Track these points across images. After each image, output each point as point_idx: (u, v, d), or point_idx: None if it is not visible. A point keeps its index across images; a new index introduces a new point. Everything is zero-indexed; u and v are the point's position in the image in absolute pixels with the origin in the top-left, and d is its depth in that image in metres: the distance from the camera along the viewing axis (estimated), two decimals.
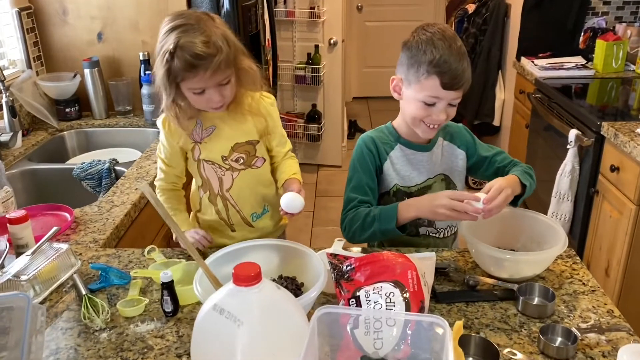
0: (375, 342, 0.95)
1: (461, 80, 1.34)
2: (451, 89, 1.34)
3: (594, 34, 3.24)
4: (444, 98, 1.36)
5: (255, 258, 1.25)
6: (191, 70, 1.29)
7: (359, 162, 1.48)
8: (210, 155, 1.48)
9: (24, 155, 2.18)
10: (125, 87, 2.52)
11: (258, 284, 0.84)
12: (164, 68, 1.30)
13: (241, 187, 1.51)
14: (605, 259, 2.33)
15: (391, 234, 1.40)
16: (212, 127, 1.46)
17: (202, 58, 1.27)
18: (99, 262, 1.41)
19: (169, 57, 1.28)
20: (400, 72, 1.42)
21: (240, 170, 1.50)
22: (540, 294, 1.23)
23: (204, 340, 0.85)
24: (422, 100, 1.37)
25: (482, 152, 1.53)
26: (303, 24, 4.02)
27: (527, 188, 1.38)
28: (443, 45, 1.33)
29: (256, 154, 1.51)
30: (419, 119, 1.40)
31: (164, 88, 1.35)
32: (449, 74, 1.32)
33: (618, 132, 2.18)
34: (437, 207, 1.32)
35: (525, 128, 3.21)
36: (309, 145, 4.31)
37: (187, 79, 1.31)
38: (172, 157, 1.50)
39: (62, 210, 1.69)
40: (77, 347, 1.12)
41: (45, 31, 2.52)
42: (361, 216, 1.42)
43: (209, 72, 1.29)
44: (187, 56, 1.27)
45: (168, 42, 1.28)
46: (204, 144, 1.47)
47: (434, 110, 1.37)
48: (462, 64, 1.33)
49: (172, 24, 1.31)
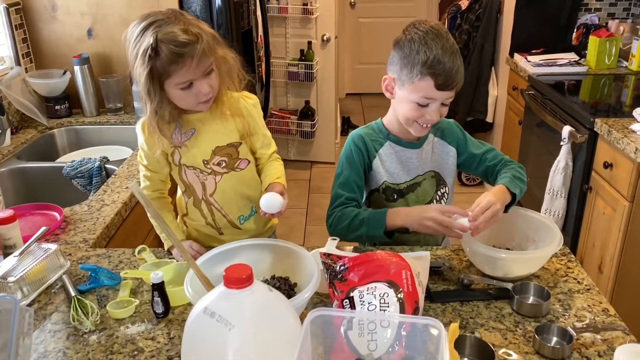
0: (370, 344, 0.94)
1: (455, 80, 1.33)
2: (445, 89, 1.33)
3: (586, 30, 3.24)
4: (437, 99, 1.34)
5: (248, 258, 1.24)
6: (178, 60, 1.24)
7: (347, 160, 1.47)
8: (191, 160, 1.43)
9: (12, 153, 2.15)
10: (116, 84, 2.49)
11: (250, 286, 0.83)
12: (146, 69, 1.24)
13: (225, 191, 1.47)
14: (599, 256, 2.33)
15: (378, 239, 1.39)
16: (192, 131, 1.41)
17: (187, 45, 1.23)
18: (88, 262, 1.39)
19: (151, 53, 1.23)
20: (393, 71, 1.40)
21: (223, 173, 1.46)
22: (535, 292, 1.22)
23: (194, 344, 0.84)
24: (416, 101, 1.35)
25: (473, 150, 1.52)
26: (296, 20, 3.99)
27: (516, 195, 1.37)
28: (436, 44, 1.31)
29: (239, 156, 1.47)
30: (413, 119, 1.38)
31: (147, 93, 1.29)
32: (444, 75, 1.30)
33: (611, 129, 2.18)
34: (425, 219, 1.31)
35: (519, 125, 3.21)
36: (302, 142, 4.29)
37: (174, 73, 1.26)
38: (155, 162, 1.45)
39: (52, 210, 1.67)
40: (66, 350, 1.10)
41: (34, 27, 2.48)
42: (349, 216, 1.40)
43: (195, 60, 1.25)
44: (172, 46, 1.22)
45: (145, 40, 1.24)
46: (184, 148, 1.42)
47: (427, 110, 1.36)
48: (455, 63, 1.32)
49: (142, 25, 1.26)
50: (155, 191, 1.50)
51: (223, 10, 2.43)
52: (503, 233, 1.40)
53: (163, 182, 1.51)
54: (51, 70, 2.49)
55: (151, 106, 1.31)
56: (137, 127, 1.42)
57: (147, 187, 1.49)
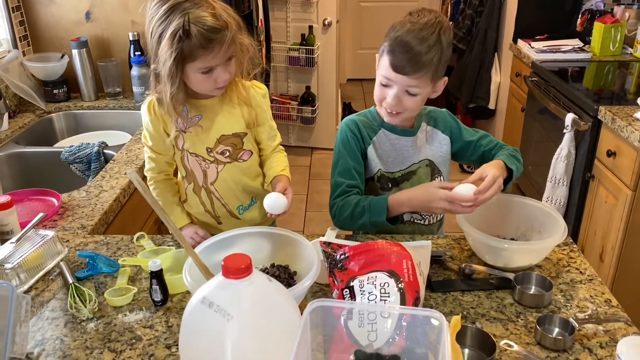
0: (370, 334, 0.93)
1: (409, 66, 1.28)
2: (400, 72, 1.29)
3: (591, 16, 3.19)
4: (395, 82, 1.31)
5: (247, 246, 1.23)
6: (208, 46, 1.22)
7: (344, 146, 1.44)
8: (195, 147, 1.41)
9: (10, 138, 2.13)
10: (115, 68, 2.47)
11: (248, 276, 0.81)
12: (175, 51, 1.21)
13: (226, 181, 1.46)
14: (600, 244, 2.32)
15: (381, 225, 1.37)
16: (198, 117, 1.39)
17: (218, 31, 1.22)
18: (86, 249, 1.38)
19: (182, 35, 1.20)
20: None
21: (226, 163, 1.44)
22: (537, 283, 1.21)
23: (192, 335, 0.82)
24: (379, 80, 1.35)
25: (467, 137, 1.50)
26: (297, 3, 3.94)
27: (513, 172, 1.35)
28: (411, 27, 1.28)
29: (243, 147, 1.45)
30: (378, 100, 1.38)
31: (170, 75, 1.26)
32: (401, 56, 1.28)
33: (615, 117, 2.15)
34: (432, 200, 1.29)
35: (521, 112, 3.18)
36: (302, 127, 4.26)
37: (200, 57, 1.24)
38: (161, 143, 1.44)
39: (49, 195, 1.65)
40: (64, 338, 1.09)
41: (32, 10, 2.44)
42: (350, 205, 1.38)
43: (224, 47, 1.24)
44: (204, 31, 1.20)
45: (174, 21, 1.20)
46: (188, 134, 1.40)
47: (388, 92, 1.34)
48: (417, 49, 1.26)
49: (168, 4, 1.23)
50: (161, 173, 1.49)
51: None
52: (507, 223, 1.39)
53: (169, 164, 1.50)
54: (49, 54, 2.46)
55: (172, 88, 1.28)
56: (143, 107, 1.41)
57: (152, 169, 1.48)
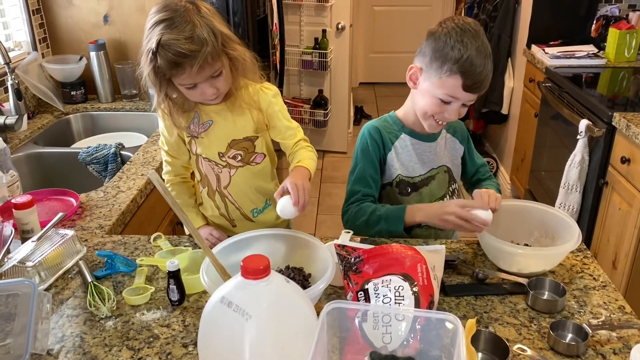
0: (384, 337, 0.94)
1: (484, 84, 1.31)
2: (472, 91, 1.31)
3: (606, 22, 3.18)
4: (461, 99, 1.33)
5: (262, 248, 1.24)
6: (176, 68, 1.24)
7: (363, 152, 1.45)
8: (207, 152, 1.44)
9: (29, 138, 2.17)
10: (131, 71, 2.50)
11: (267, 277, 0.83)
12: (149, 67, 1.26)
13: (239, 185, 1.47)
14: (613, 252, 2.31)
15: (397, 234, 1.39)
16: (209, 122, 1.41)
17: (186, 56, 1.22)
18: (104, 248, 1.40)
19: (152, 57, 1.24)
20: (421, 62, 1.37)
21: (238, 167, 1.45)
22: (550, 288, 1.21)
23: (212, 333, 0.84)
24: (439, 97, 1.33)
25: (475, 158, 1.56)
26: (311, 7, 3.97)
27: None
28: (472, 44, 1.28)
29: (255, 150, 1.46)
30: (431, 114, 1.37)
31: (152, 85, 1.31)
32: (474, 77, 1.28)
33: (630, 123, 2.15)
34: (446, 214, 1.31)
35: (535, 117, 3.18)
36: (314, 131, 4.28)
37: (175, 76, 1.28)
38: (176, 148, 1.47)
39: (68, 195, 1.68)
40: (83, 335, 1.11)
41: (51, 13, 2.49)
42: (366, 212, 1.39)
43: (195, 68, 1.24)
44: (170, 55, 1.22)
45: (151, 39, 1.24)
46: (201, 139, 1.43)
47: (448, 108, 1.35)
48: (487, 67, 1.30)
49: (156, 18, 1.25)
50: (177, 176, 1.52)
51: None
52: (521, 228, 1.39)
53: (185, 167, 1.52)
54: (67, 56, 2.51)
55: (157, 98, 1.35)
56: (159, 112, 1.43)
57: (169, 172, 1.51)
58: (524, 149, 3.40)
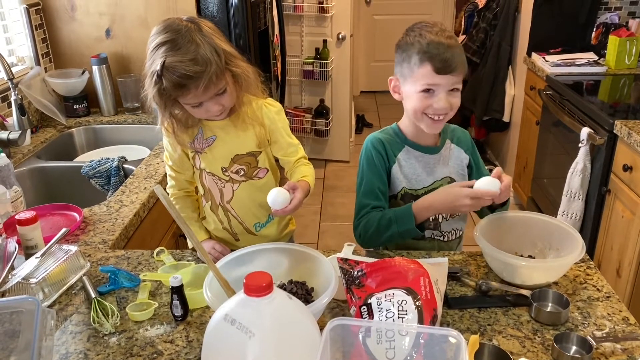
0: (388, 352, 0.94)
1: (453, 63, 1.32)
2: (445, 72, 1.32)
3: (606, 29, 3.19)
4: (441, 84, 1.34)
5: (265, 262, 1.24)
6: (181, 89, 1.26)
7: (368, 164, 1.45)
8: (210, 167, 1.45)
9: (32, 152, 2.18)
10: (134, 84, 2.51)
11: (269, 294, 0.83)
12: (154, 89, 1.28)
13: (242, 199, 1.48)
14: (617, 260, 2.31)
15: (411, 234, 1.39)
16: (213, 137, 1.43)
17: (191, 77, 1.23)
18: (108, 263, 1.41)
19: (157, 79, 1.25)
20: (396, 71, 1.42)
21: (241, 182, 1.46)
22: (554, 300, 1.21)
23: (214, 351, 0.84)
24: (420, 89, 1.35)
25: (482, 167, 1.55)
26: (311, 18, 3.99)
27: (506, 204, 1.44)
28: (429, 32, 1.34)
29: (258, 165, 1.47)
30: (421, 111, 1.38)
31: (157, 105, 1.33)
32: (439, 57, 1.31)
33: (631, 131, 2.15)
34: (462, 206, 1.33)
35: (536, 125, 3.18)
36: (316, 140, 4.29)
37: (180, 97, 1.30)
38: (180, 163, 1.48)
39: (71, 210, 1.69)
40: (87, 352, 1.11)
41: (54, 28, 2.51)
42: (375, 220, 1.40)
43: (200, 88, 1.25)
44: (175, 77, 1.23)
45: (155, 62, 1.25)
46: (204, 154, 1.44)
47: (434, 99, 1.36)
48: (452, 48, 1.32)
49: (158, 40, 1.26)
50: (181, 190, 1.53)
51: (240, 10, 2.43)
52: (524, 240, 1.39)
53: (189, 182, 1.53)
54: (70, 70, 2.52)
55: (161, 117, 1.37)
56: (163, 129, 1.44)
57: (173, 187, 1.52)
58: (525, 157, 3.40)
